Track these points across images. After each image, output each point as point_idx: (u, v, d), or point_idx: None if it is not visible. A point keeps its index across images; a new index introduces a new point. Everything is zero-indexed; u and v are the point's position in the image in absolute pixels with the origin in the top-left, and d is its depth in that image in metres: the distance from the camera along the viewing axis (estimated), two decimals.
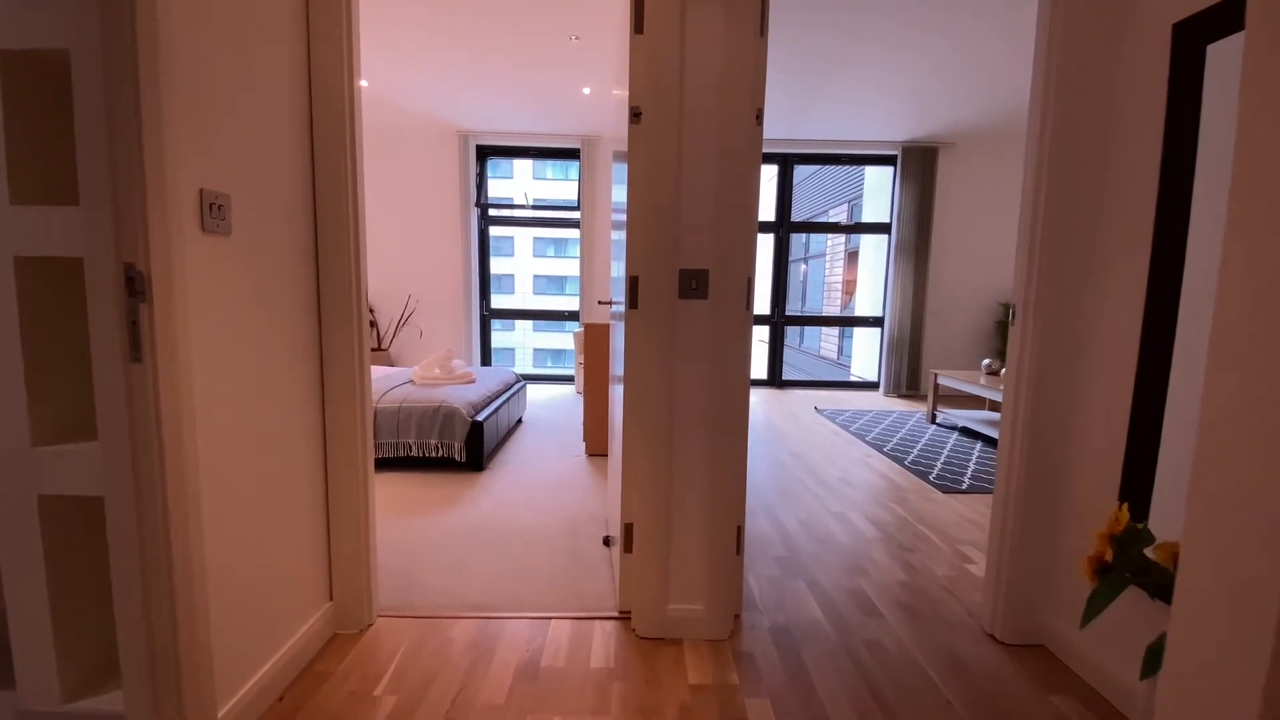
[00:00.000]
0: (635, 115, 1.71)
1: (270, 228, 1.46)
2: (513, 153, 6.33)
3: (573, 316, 6.59)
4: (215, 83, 1.26)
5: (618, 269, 2.10)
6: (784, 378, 6.53)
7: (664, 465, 1.77)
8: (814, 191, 11.29)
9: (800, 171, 6.68)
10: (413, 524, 2.62)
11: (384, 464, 3.38)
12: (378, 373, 3.94)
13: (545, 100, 5.21)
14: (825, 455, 3.90)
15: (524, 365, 18.78)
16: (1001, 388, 4.02)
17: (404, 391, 3.47)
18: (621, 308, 1.90)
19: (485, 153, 6.19)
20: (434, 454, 3.29)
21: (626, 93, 1.75)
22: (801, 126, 5.69)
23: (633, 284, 1.75)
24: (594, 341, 3.72)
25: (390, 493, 3.01)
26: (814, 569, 2.31)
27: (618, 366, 2.13)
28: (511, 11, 3.66)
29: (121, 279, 1.08)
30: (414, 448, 3.30)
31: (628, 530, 1.84)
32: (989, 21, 3.69)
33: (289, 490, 1.56)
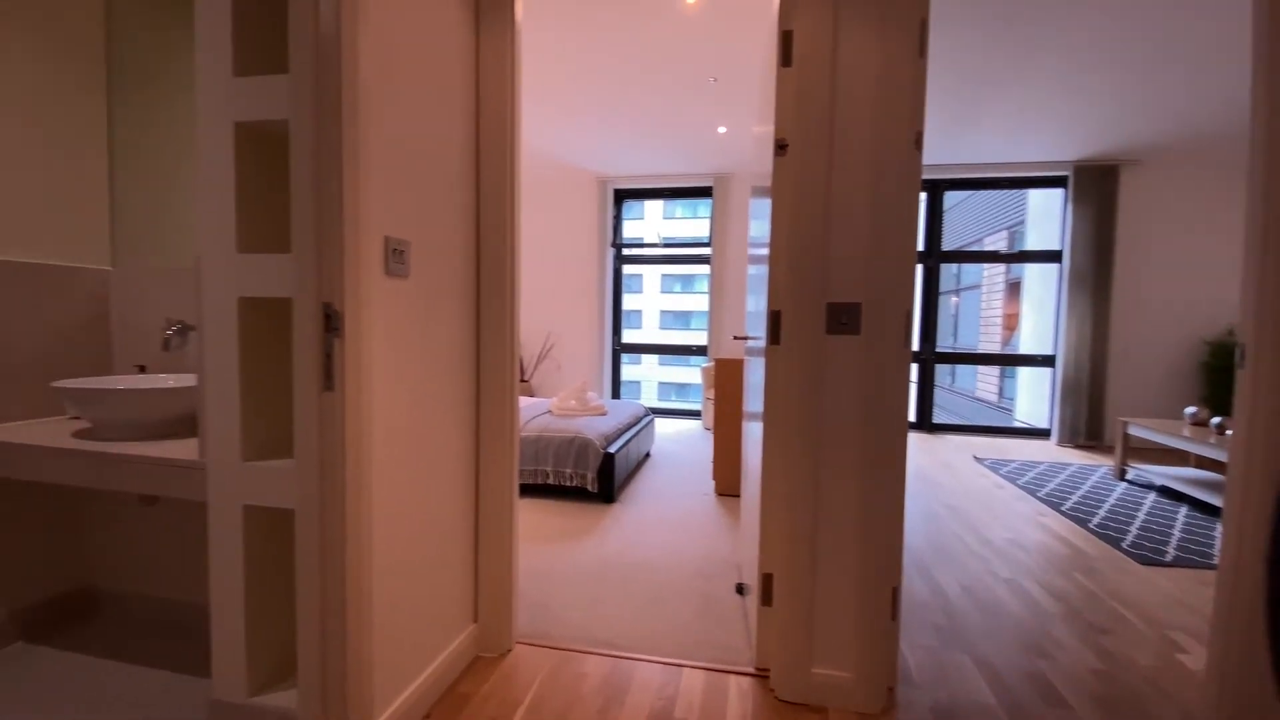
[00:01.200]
0: (781, 148, 1.66)
1: (440, 270, 1.59)
2: (647, 194, 6.55)
3: (700, 351, 6.57)
4: (400, 145, 1.41)
5: (755, 303, 2.04)
6: (935, 421, 5.97)
7: (807, 513, 1.65)
8: (967, 217, 10.43)
9: (951, 197, 6.20)
10: (548, 551, 2.69)
11: (521, 490, 3.53)
12: (521, 403, 4.16)
13: (680, 142, 5.35)
14: (989, 511, 3.46)
15: (649, 398, 19.07)
16: (1213, 441, 3.35)
17: (544, 421, 3.62)
18: (760, 343, 1.83)
19: (622, 196, 6.47)
20: (568, 483, 3.38)
21: (770, 127, 1.71)
22: (954, 149, 5.30)
23: (774, 319, 1.67)
24: (726, 377, 3.65)
25: (526, 519, 3.12)
26: (981, 643, 2.01)
27: (753, 403, 2.04)
28: (654, 62, 3.82)
29: (321, 316, 1.22)
30: (550, 475, 3.41)
31: (766, 581, 1.73)
32: (1196, 18, 3.21)
33: (444, 512, 1.65)
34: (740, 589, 2.34)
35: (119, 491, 2.02)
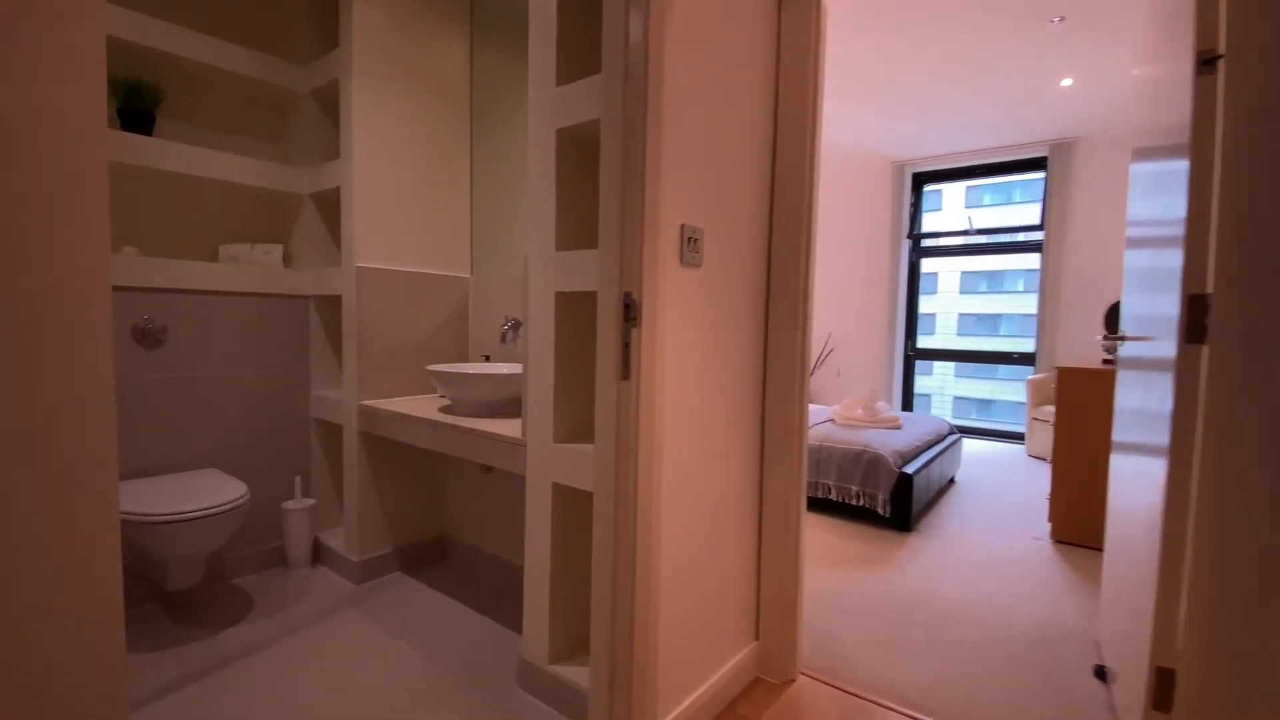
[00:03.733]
0: (1207, 64, 1.15)
1: (731, 263, 1.50)
2: (953, 175, 5.67)
3: (1024, 360, 5.42)
4: (697, 134, 1.35)
5: (1141, 300, 1.48)
6: None
7: (1250, 596, 1.09)
8: None
9: None
10: (833, 576, 2.42)
11: None
12: None
13: (1003, 105, 4.46)
14: None
15: (941, 414, 16.71)
16: None
17: (825, 430, 3.34)
18: (1140, 347, 1.31)
19: (921, 180, 5.73)
20: (853, 501, 3.04)
21: (1160, 66, 1.20)
22: None
23: (1194, 307, 1.16)
24: (1074, 390, 2.86)
25: (807, 535, 2.89)
26: None
27: (1125, 431, 1.49)
28: (981, 5, 3.22)
29: (620, 305, 1.22)
30: (833, 490, 3.12)
31: (1162, 679, 1.22)
32: None
33: (726, 515, 1.56)
34: (1102, 674, 1.75)
35: (466, 459, 2.43)
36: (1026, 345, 5.38)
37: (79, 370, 0.75)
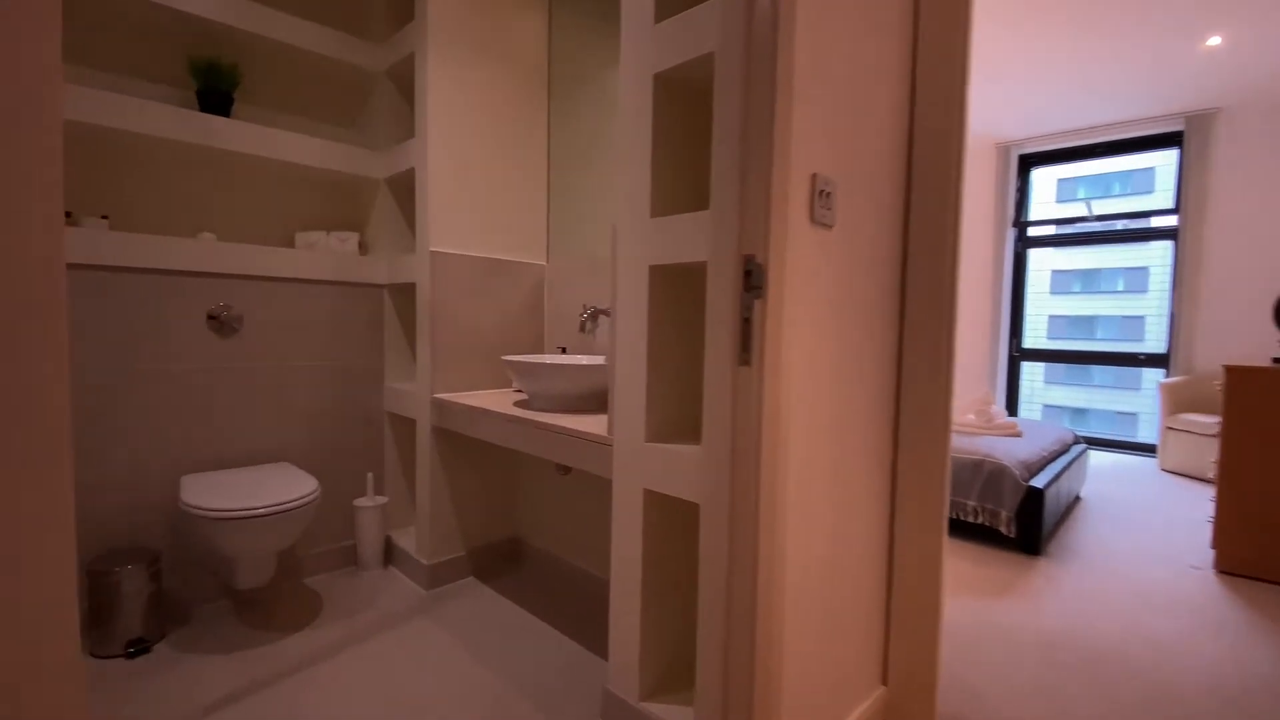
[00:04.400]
0: None
1: (864, 226, 1.24)
2: (1066, 156, 5.09)
3: (1153, 361, 4.78)
4: (828, 74, 1.10)
5: None
6: None
7: None
8: None
9: None
10: (957, 607, 2.09)
11: None
12: None
13: (1131, 72, 3.92)
14: None
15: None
16: None
17: None
18: None
19: (1029, 162, 5.18)
20: (970, 518, 2.67)
21: None
22: None
23: None
24: (1246, 395, 2.39)
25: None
26: None
27: None
28: None
29: (739, 273, 0.99)
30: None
31: None
32: None
33: (851, 533, 1.29)
34: None
35: (542, 458, 2.26)
36: (1132, 348, 4.74)
37: (23, 355, 0.61)
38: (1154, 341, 5.52)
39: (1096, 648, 1.84)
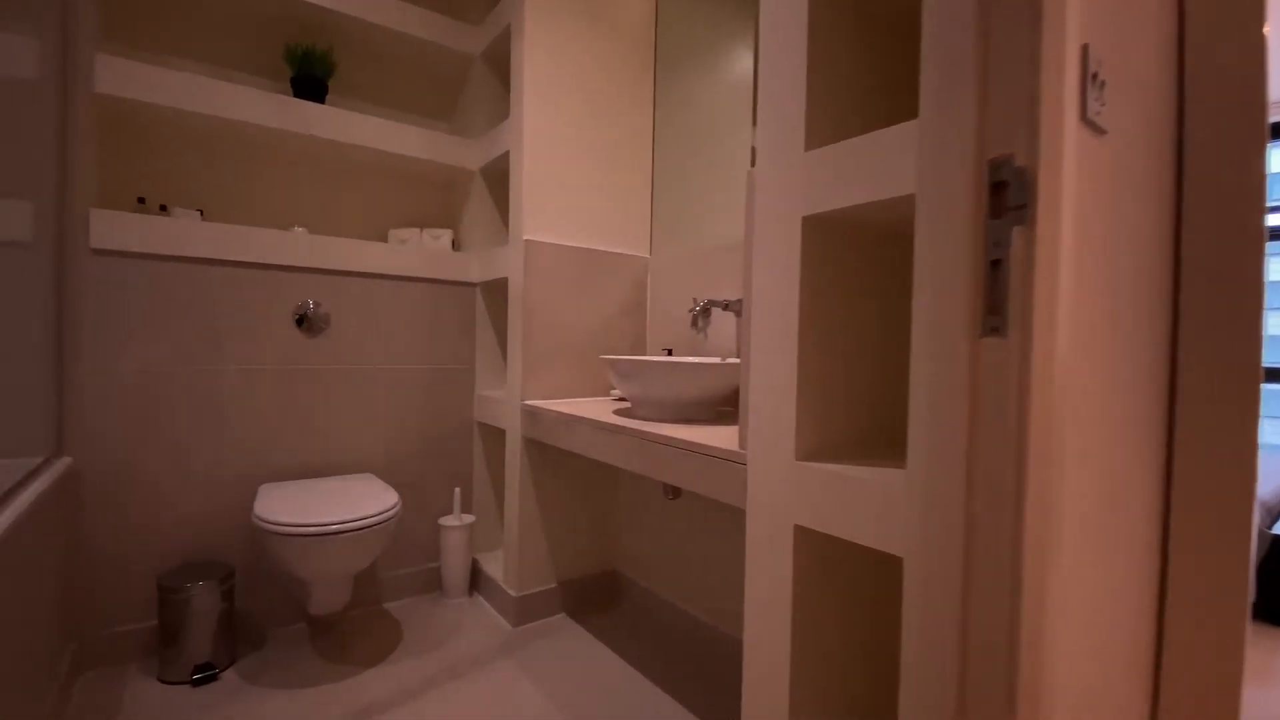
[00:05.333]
0: None
1: (1135, 142, 0.83)
2: None
3: None
4: None
5: None
6: None
7: None
8: None
9: None
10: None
11: None
12: None
13: None
14: None
15: None
16: None
17: None
18: None
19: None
20: None
21: None
22: None
23: None
24: None
25: None
26: None
27: None
28: None
29: (983, 191, 0.62)
30: None
31: None
32: None
33: (1120, 598, 0.85)
34: None
35: (646, 477, 1.95)
36: None
37: None
38: None
39: None
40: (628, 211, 2.03)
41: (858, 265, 1.02)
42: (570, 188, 1.90)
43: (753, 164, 1.19)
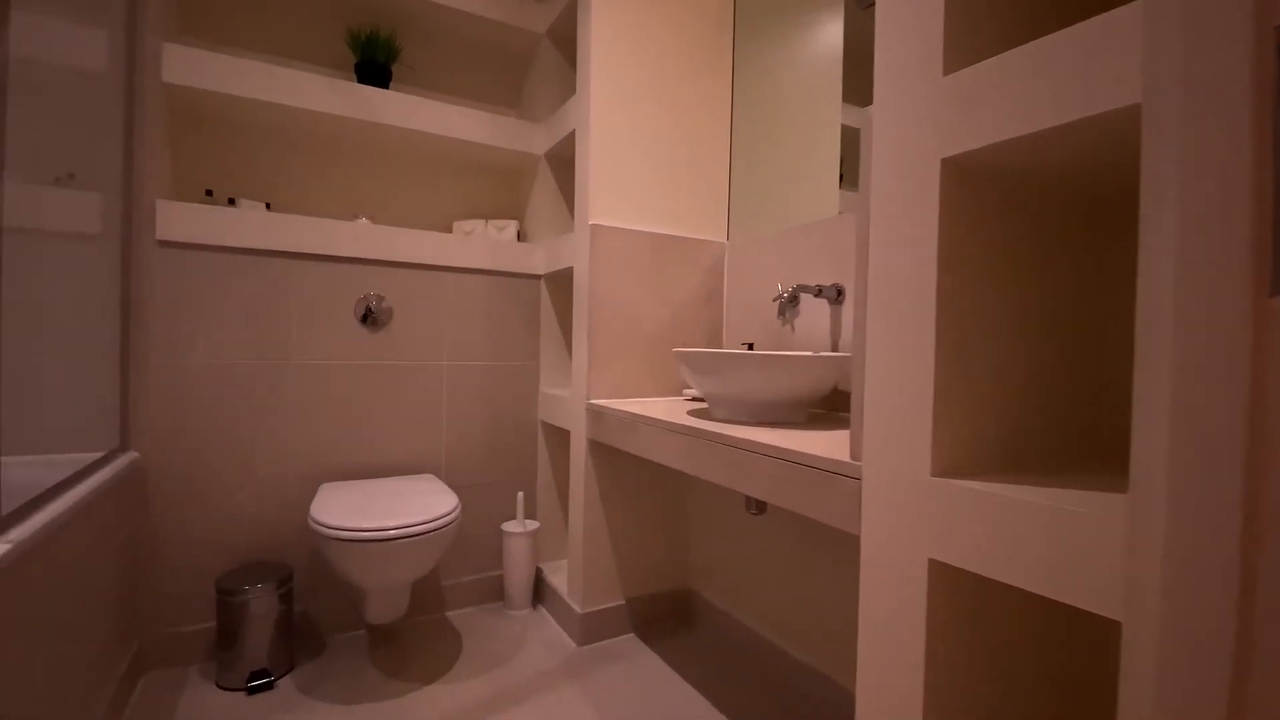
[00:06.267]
0: None
1: None
2: None
3: None
4: None
5: None
6: None
7: None
8: None
9: None
10: None
11: None
12: None
13: None
14: None
15: None
16: None
17: None
18: None
19: None
20: None
21: None
22: None
23: None
24: None
25: None
26: None
27: None
28: None
29: (1267, 76, 0.40)
30: None
31: None
32: None
33: None
34: None
35: (725, 489, 1.76)
36: None
37: None
38: None
39: None
40: (702, 191, 1.85)
41: (1016, 223, 0.79)
42: (640, 168, 1.74)
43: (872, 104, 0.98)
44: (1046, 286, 0.83)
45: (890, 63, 0.78)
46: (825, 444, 1.00)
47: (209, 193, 1.66)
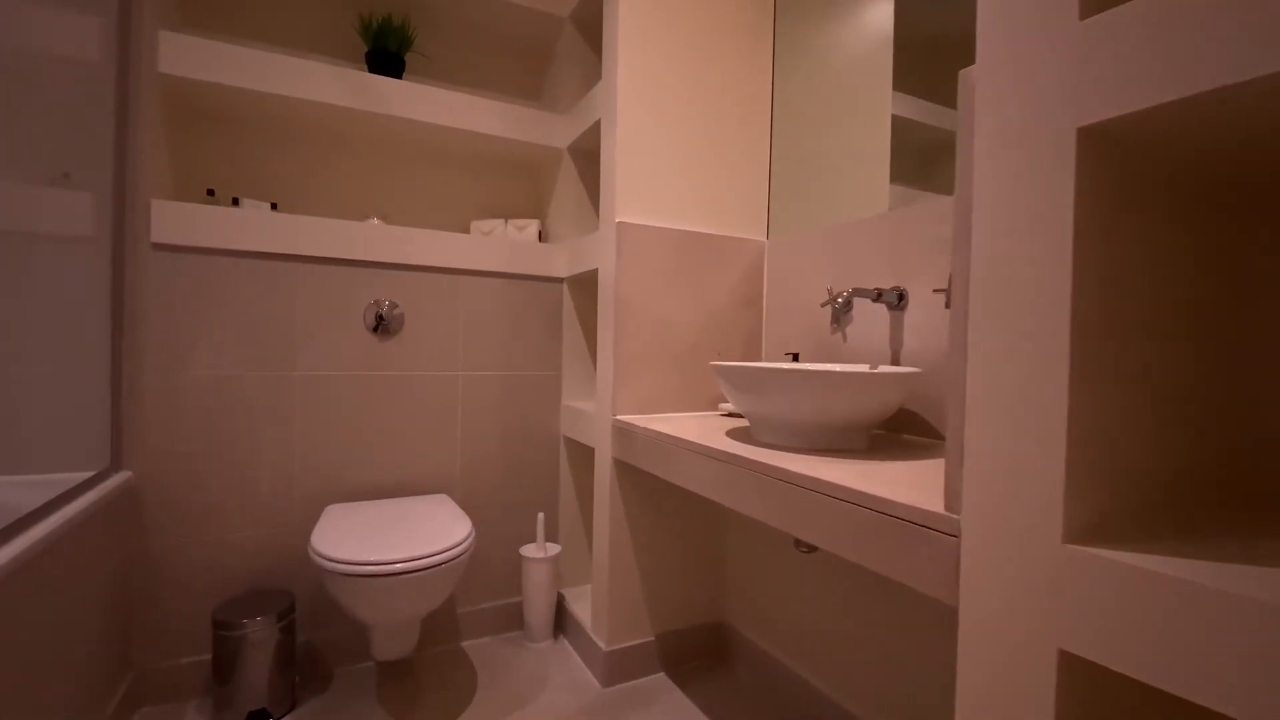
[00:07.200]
0: None
1: None
2: None
3: None
4: None
5: None
6: None
7: None
8: None
9: None
10: None
11: None
12: None
13: None
14: None
15: None
16: None
17: None
18: None
19: None
20: None
21: None
22: None
23: None
24: None
25: None
26: None
27: None
28: None
29: None
30: None
31: None
32: None
33: None
34: None
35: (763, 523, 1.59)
36: None
37: None
38: None
39: None
40: (739, 186, 1.68)
41: (1176, 213, 0.61)
42: (670, 160, 1.58)
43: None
44: (1203, 293, 0.65)
45: (1001, 7, 0.61)
46: (904, 482, 0.82)
47: (211, 192, 1.56)
